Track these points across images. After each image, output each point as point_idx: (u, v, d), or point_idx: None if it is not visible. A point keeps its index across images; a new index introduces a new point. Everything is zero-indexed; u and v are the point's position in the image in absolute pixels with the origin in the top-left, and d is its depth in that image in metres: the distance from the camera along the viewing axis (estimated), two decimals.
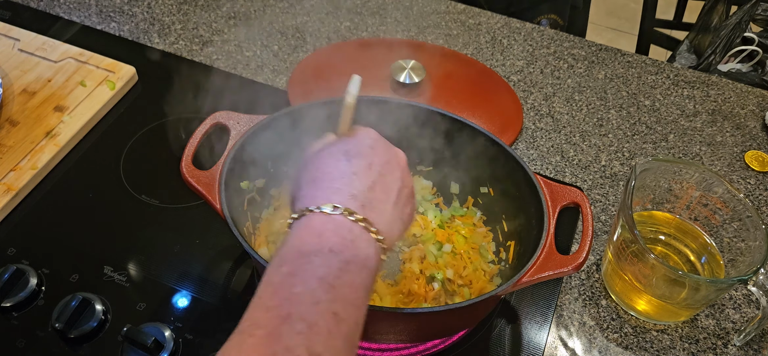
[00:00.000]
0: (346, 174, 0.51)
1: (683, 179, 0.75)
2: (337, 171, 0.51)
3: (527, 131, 0.95)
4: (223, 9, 1.11)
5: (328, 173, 0.51)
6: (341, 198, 0.49)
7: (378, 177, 0.51)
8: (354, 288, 0.45)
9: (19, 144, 0.85)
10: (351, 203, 0.48)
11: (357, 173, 0.51)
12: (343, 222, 0.47)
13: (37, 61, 0.97)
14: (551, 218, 0.66)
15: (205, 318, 0.71)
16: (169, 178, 0.84)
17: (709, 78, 1.05)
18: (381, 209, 0.50)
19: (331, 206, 0.48)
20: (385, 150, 0.54)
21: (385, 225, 0.50)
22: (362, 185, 0.50)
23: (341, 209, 0.47)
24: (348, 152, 0.53)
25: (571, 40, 1.10)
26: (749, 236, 0.70)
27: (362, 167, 0.51)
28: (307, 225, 0.47)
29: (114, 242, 0.78)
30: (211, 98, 0.89)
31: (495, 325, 0.73)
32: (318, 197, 0.49)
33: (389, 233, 0.50)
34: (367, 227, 0.48)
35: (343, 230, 0.47)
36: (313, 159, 0.54)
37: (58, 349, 0.68)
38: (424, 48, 1.05)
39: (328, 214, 0.47)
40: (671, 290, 0.70)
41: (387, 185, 0.52)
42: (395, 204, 0.52)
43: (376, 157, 0.53)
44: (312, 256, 0.45)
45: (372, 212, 0.49)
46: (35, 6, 1.10)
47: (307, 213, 0.48)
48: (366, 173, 0.51)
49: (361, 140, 0.54)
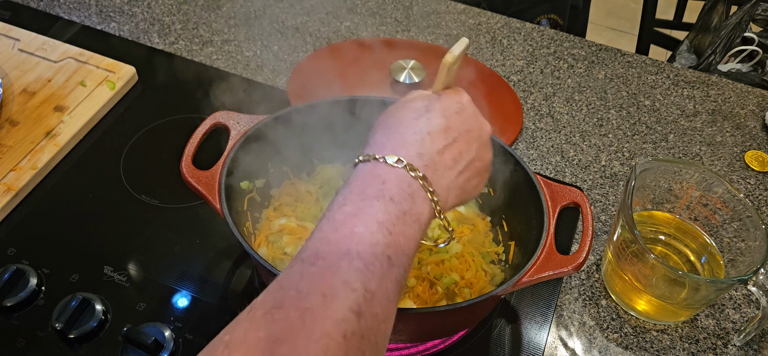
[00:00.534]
0: (419, 132, 0.52)
1: (683, 179, 0.75)
2: (412, 126, 0.52)
3: (527, 131, 0.95)
4: (223, 9, 1.12)
5: (404, 126, 0.53)
6: (408, 153, 0.50)
7: (452, 142, 0.53)
8: (407, 237, 0.47)
9: (19, 144, 0.85)
10: (416, 160, 0.50)
11: (432, 133, 0.52)
12: (405, 176, 0.49)
13: (37, 61, 0.97)
14: (551, 218, 0.66)
15: (205, 318, 0.72)
16: (169, 178, 0.84)
17: (709, 78, 1.05)
18: (443, 174, 0.52)
19: (396, 159, 0.49)
20: (470, 118, 0.55)
21: (443, 189, 0.51)
22: (433, 147, 0.51)
23: (405, 164, 0.49)
24: (430, 110, 0.54)
25: (571, 40, 1.10)
26: (749, 236, 0.70)
27: (438, 129, 0.52)
28: (372, 171, 0.49)
29: (114, 242, 0.78)
30: (211, 98, 0.89)
31: (495, 325, 0.73)
32: (387, 146, 0.51)
33: (445, 197, 0.52)
34: (426, 187, 0.50)
35: (404, 184, 0.49)
36: (397, 108, 0.55)
37: (58, 349, 0.68)
38: (424, 48, 1.05)
39: (391, 165, 0.49)
40: (671, 290, 0.70)
41: (457, 152, 0.53)
42: (461, 173, 0.53)
43: (457, 122, 0.54)
44: (374, 200, 0.47)
45: (434, 174, 0.51)
46: (35, 6, 1.10)
47: (372, 160, 0.50)
48: (440, 135, 0.52)
49: (449, 101, 0.55)
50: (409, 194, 0.48)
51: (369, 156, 0.50)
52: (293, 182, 0.78)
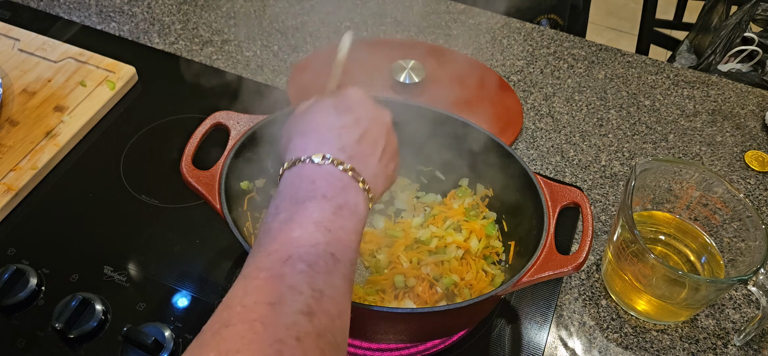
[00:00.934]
0: (334, 127, 0.53)
1: (683, 179, 0.75)
2: (326, 124, 0.54)
3: (527, 131, 0.95)
4: (223, 9, 1.11)
5: (318, 126, 0.54)
6: (331, 149, 0.51)
7: (365, 132, 0.54)
8: (347, 231, 0.48)
9: (19, 144, 0.85)
10: (340, 154, 0.51)
11: (345, 126, 0.53)
12: (333, 171, 0.50)
13: (37, 61, 0.97)
14: (551, 218, 0.66)
15: (205, 318, 0.71)
16: (169, 178, 0.84)
17: (709, 78, 1.05)
18: (367, 163, 0.53)
19: (321, 157, 0.50)
20: (372, 107, 0.57)
21: (370, 177, 0.52)
22: (350, 139, 0.53)
23: (331, 159, 0.50)
24: (337, 107, 0.55)
25: (571, 40, 1.10)
26: (749, 236, 0.70)
27: (350, 122, 0.54)
28: (299, 174, 0.50)
29: (114, 242, 0.78)
30: (211, 98, 0.89)
31: (495, 325, 0.73)
32: (309, 147, 0.52)
33: (374, 185, 0.53)
34: (355, 177, 0.51)
35: (334, 179, 0.50)
36: (303, 113, 0.56)
37: (58, 349, 0.68)
38: (424, 48, 1.05)
39: (318, 164, 0.50)
40: (671, 290, 0.70)
41: (373, 140, 0.54)
42: (380, 159, 0.54)
43: (363, 112, 0.55)
44: (306, 202, 0.48)
45: (359, 164, 0.52)
46: (35, 6, 1.10)
47: (298, 163, 0.51)
48: (354, 127, 0.54)
49: (350, 96, 0.57)
50: (341, 187, 0.50)
51: (293, 160, 0.51)
52: None
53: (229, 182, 0.66)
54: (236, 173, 0.69)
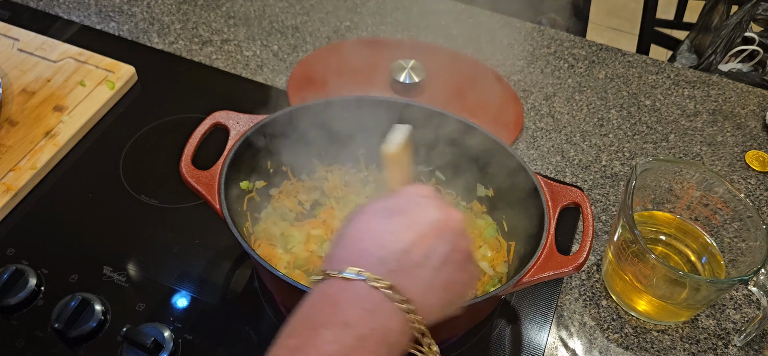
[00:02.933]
0: (379, 234, 0.46)
1: (684, 179, 0.75)
2: (370, 231, 0.46)
3: (527, 131, 0.95)
4: (222, 9, 1.11)
5: (360, 232, 0.46)
6: (368, 261, 0.44)
7: (418, 238, 0.46)
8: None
9: (19, 144, 0.85)
10: (377, 267, 0.43)
11: (393, 231, 0.46)
12: (364, 291, 0.42)
13: (36, 61, 0.97)
14: (551, 218, 0.66)
15: (204, 318, 0.71)
16: (169, 178, 0.84)
17: (710, 78, 1.05)
18: (416, 275, 0.45)
19: (354, 271, 0.43)
20: (435, 208, 0.48)
21: (419, 293, 0.44)
22: (395, 247, 0.45)
23: (366, 276, 0.43)
24: (389, 209, 0.47)
25: (572, 40, 1.10)
26: (750, 236, 0.70)
27: (401, 227, 0.46)
28: (323, 291, 0.44)
29: (113, 242, 0.78)
30: (211, 98, 0.89)
31: (495, 325, 0.73)
32: (343, 258, 0.45)
33: (424, 302, 0.45)
34: (392, 296, 0.43)
35: (362, 300, 0.42)
36: (353, 216, 0.49)
37: (58, 349, 0.68)
38: (424, 48, 1.05)
39: (348, 279, 0.43)
40: (672, 290, 0.70)
41: (429, 247, 0.46)
42: (438, 270, 0.46)
43: (420, 215, 0.47)
44: (322, 329, 0.41)
45: (404, 279, 0.44)
46: (34, 6, 1.10)
47: (327, 278, 0.44)
48: (404, 232, 0.46)
49: (408, 196, 0.49)
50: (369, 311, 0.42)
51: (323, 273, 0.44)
52: (293, 182, 0.78)
53: (229, 182, 0.66)
54: (236, 173, 0.69)
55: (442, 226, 0.47)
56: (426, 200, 0.49)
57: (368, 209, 0.48)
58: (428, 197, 0.49)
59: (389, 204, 0.48)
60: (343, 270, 0.43)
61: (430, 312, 0.45)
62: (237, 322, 0.71)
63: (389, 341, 0.42)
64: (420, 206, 0.48)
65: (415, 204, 0.48)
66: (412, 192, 0.50)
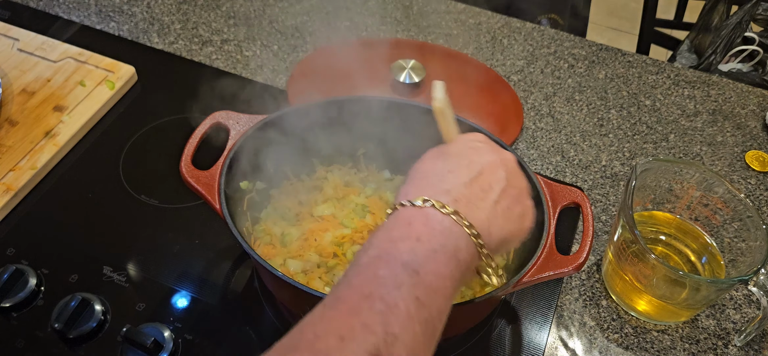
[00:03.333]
0: (441, 171, 0.51)
1: (684, 179, 0.75)
2: (433, 170, 0.52)
3: (527, 131, 0.95)
4: (222, 9, 1.11)
5: (424, 172, 0.52)
6: (433, 192, 0.49)
7: (477, 175, 0.51)
8: (440, 276, 0.45)
9: (19, 144, 0.85)
10: (443, 197, 0.49)
11: (453, 170, 0.51)
12: (434, 214, 0.48)
13: (36, 61, 0.97)
14: (551, 218, 0.66)
15: (204, 318, 0.71)
16: (169, 178, 0.84)
17: (710, 78, 1.05)
18: (478, 205, 0.50)
19: (421, 200, 0.48)
20: (489, 150, 0.54)
21: (481, 222, 0.49)
22: (457, 181, 0.50)
23: (432, 202, 0.48)
24: (447, 153, 0.53)
25: (572, 40, 1.10)
26: (750, 236, 0.70)
27: (460, 165, 0.52)
28: (397, 217, 0.48)
29: (113, 242, 0.78)
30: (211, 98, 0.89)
31: (495, 325, 0.73)
32: (411, 192, 0.50)
33: (487, 230, 0.50)
34: (459, 221, 0.48)
35: (433, 222, 0.47)
36: (416, 163, 0.54)
37: (58, 349, 0.68)
38: (424, 48, 1.05)
39: (418, 207, 0.48)
40: (672, 290, 0.70)
41: (487, 182, 0.52)
42: (496, 202, 0.51)
43: (476, 156, 0.53)
44: (398, 242, 0.46)
45: (467, 207, 0.49)
46: (34, 6, 1.10)
47: (399, 208, 0.49)
48: (463, 170, 0.51)
49: (464, 141, 0.55)
50: (439, 231, 0.47)
51: (395, 206, 0.50)
52: (293, 182, 0.78)
53: (229, 182, 0.66)
54: (236, 173, 0.69)
55: (498, 164, 0.53)
56: (480, 144, 0.55)
57: (429, 155, 0.54)
58: (482, 141, 0.55)
59: (448, 150, 0.54)
60: (414, 199, 0.49)
61: (492, 240, 0.50)
62: (237, 322, 0.71)
63: (458, 257, 0.47)
64: (476, 150, 0.54)
65: (471, 148, 0.54)
66: (467, 139, 0.56)
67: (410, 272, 0.44)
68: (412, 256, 0.45)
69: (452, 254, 0.47)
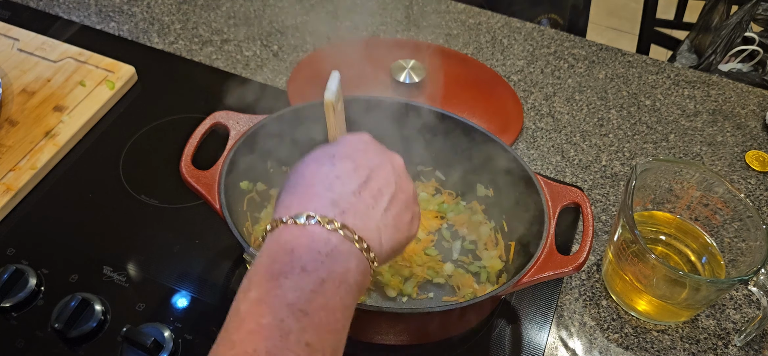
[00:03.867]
0: (327, 178, 0.47)
1: (684, 179, 0.75)
2: (318, 176, 0.47)
3: (527, 131, 0.95)
4: (222, 8, 1.11)
5: (308, 179, 0.47)
6: (319, 204, 0.44)
7: (365, 180, 0.47)
8: (330, 310, 0.41)
9: (19, 144, 0.85)
10: (330, 210, 0.44)
11: (340, 176, 0.47)
12: (319, 233, 0.43)
13: (36, 61, 0.97)
14: (552, 218, 0.66)
15: (204, 319, 0.71)
16: (169, 178, 0.84)
17: (710, 78, 1.05)
18: (367, 215, 0.46)
19: (305, 216, 0.43)
20: (377, 153, 0.51)
21: (372, 232, 0.46)
22: (345, 189, 0.46)
23: (316, 218, 0.43)
24: (333, 156, 0.49)
25: (572, 40, 1.10)
26: (750, 236, 0.70)
27: (347, 170, 0.47)
28: (278, 240, 0.44)
29: (113, 242, 0.78)
30: (211, 98, 0.89)
31: (495, 325, 0.73)
32: (293, 205, 0.45)
33: (378, 241, 0.46)
34: (348, 236, 0.43)
35: (318, 243, 0.42)
36: (298, 165, 0.50)
37: (58, 349, 0.68)
38: (424, 48, 1.05)
39: (301, 225, 0.43)
40: (672, 290, 0.70)
41: (376, 188, 0.48)
42: (386, 209, 0.48)
43: (364, 159, 0.49)
44: (281, 278, 0.41)
45: (356, 219, 0.45)
46: (34, 6, 1.10)
47: (279, 225, 0.44)
48: (351, 176, 0.47)
49: (350, 142, 0.51)
50: (326, 253, 0.42)
51: (276, 222, 0.44)
52: None
53: (229, 182, 0.66)
54: (236, 174, 0.69)
55: (386, 168, 0.50)
56: (367, 145, 0.51)
57: (312, 157, 0.50)
58: (368, 142, 0.51)
59: (333, 151, 0.49)
60: (297, 215, 0.44)
61: (383, 251, 0.47)
62: None
63: (348, 281, 0.43)
64: (363, 151, 0.50)
65: (359, 150, 0.50)
66: (353, 139, 0.51)
67: (297, 314, 0.39)
68: (297, 294, 0.40)
69: (342, 279, 0.42)
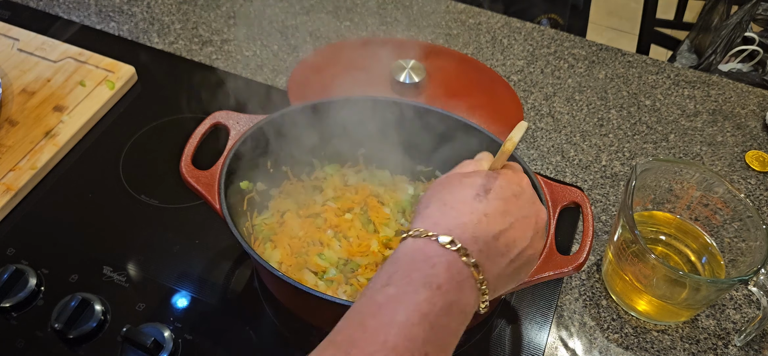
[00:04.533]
0: (476, 212, 0.48)
1: (684, 179, 0.75)
2: (469, 205, 0.49)
3: (527, 131, 0.95)
4: (222, 8, 1.11)
5: (460, 203, 0.49)
6: (463, 235, 0.47)
7: (508, 228, 0.49)
8: (449, 332, 0.44)
9: (19, 144, 0.85)
10: (471, 244, 0.46)
11: (488, 215, 0.48)
12: (457, 262, 0.46)
13: (36, 61, 0.97)
14: (551, 218, 0.66)
15: (204, 318, 0.71)
16: (169, 178, 0.84)
17: (710, 78, 1.05)
18: (496, 262, 0.48)
19: (449, 240, 0.46)
20: (528, 204, 0.52)
21: (493, 278, 0.48)
22: (488, 231, 0.48)
23: (458, 246, 0.46)
24: (488, 190, 0.50)
25: (572, 40, 1.10)
26: (750, 236, 0.70)
27: (496, 212, 0.49)
28: (422, 250, 0.46)
29: (113, 243, 0.78)
30: (211, 98, 0.89)
31: (495, 325, 0.73)
32: (441, 224, 0.47)
33: (494, 287, 0.48)
34: (476, 275, 0.46)
35: (454, 270, 0.45)
36: (452, 179, 0.52)
37: (58, 349, 0.68)
38: (424, 48, 1.05)
39: (444, 246, 0.46)
40: (672, 290, 0.70)
41: (513, 239, 0.49)
42: (512, 262, 0.50)
43: (514, 207, 0.50)
44: (420, 287, 0.44)
45: (486, 262, 0.47)
46: (34, 6, 1.10)
47: (424, 236, 0.47)
48: (497, 219, 0.49)
49: (508, 182, 0.52)
50: (458, 282, 0.45)
51: (420, 232, 0.47)
52: (293, 182, 0.78)
53: (229, 182, 0.66)
54: (236, 173, 0.69)
55: (529, 222, 0.51)
56: (522, 190, 0.52)
57: (470, 181, 0.51)
58: (525, 189, 0.52)
59: (488, 184, 0.51)
60: (441, 236, 0.46)
61: (493, 295, 0.49)
62: (237, 322, 0.71)
63: (466, 311, 0.46)
64: (516, 196, 0.51)
65: (512, 193, 0.51)
66: (512, 179, 0.52)
67: (426, 325, 0.42)
68: (430, 307, 0.43)
69: (463, 308, 0.45)
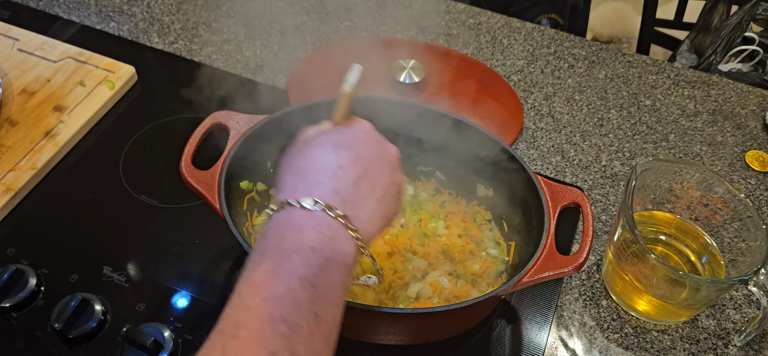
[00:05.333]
0: (331, 167, 0.50)
1: (684, 179, 0.75)
2: (322, 163, 0.50)
3: (527, 131, 0.95)
4: (222, 8, 1.11)
5: (313, 164, 0.50)
6: (323, 192, 0.48)
7: (365, 172, 0.51)
8: (333, 286, 0.45)
9: (19, 144, 0.85)
10: (333, 198, 0.48)
11: (343, 166, 0.50)
12: (324, 218, 0.47)
13: (36, 61, 0.97)
14: (551, 218, 0.66)
15: (204, 319, 0.71)
16: (169, 178, 0.84)
17: (710, 78, 1.05)
18: (363, 206, 0.50)
19: (311, 201, 0.47)
20: (377, 144, 0.54)
21: (365, 222, 0.49)
22: (347, 180, 0.49)
23: (322, 205, 0.47)
24: (337, 144, 0.52)
25: (572, 40, 1.10)
26: (750, 236, 0.70)
27: (349, 161, 0.51)
28: (287, 219, 0.47)
29: (113, 242, 0.78)
30: (211, 98, 0.89)
31: (495, 325, 0.73)
32: (299, 189, 0.49)
33: (368, 230, 0.50)
34: (347, 225, 0.47)
35: (324, 227, 0.46)
36: (301, 147, 0.53)
37: (58, 349, 0.68)
38: (424, 48, 1.05)
39: (308, 209, 0.47)
40: (672, 290, 0.70)
41: (373, 180, 0.51)
42: (379, 201, 0.51)
43: (365, 150, 0.52)
44: (292, 253, 0.44)
45: (353, 209, 0.49)
46: (34, 6, 1.10)
47: (287, 206, 0.48)
48: (352, 167, 0.50)
49: (353, 132, 0.54)
50: (330, 237, 0.46)
51: (282, 203, 0.48)
52: None
53: (229, 182, 0.66)
54: (236, 173, 0.69)
55: (383, 160, 0.53)
56: (368, 136, 0.54)
57: (317, 142, 0.53)
58: (369, 133, 0.55)
59: (337, 138, 0.53)
60: (302, 199, 0.47)
61: (369, 237, 0.50)
62: None
63: (346, 262, 0.47)
64: (364, 142, 0.53)
65: (360, 140, 0.53)
66: (355, 129, 0.54)
67: (308, 287, 0.43)
68: (307, 269, 0.44)
69: (342, 261, 0.46)
